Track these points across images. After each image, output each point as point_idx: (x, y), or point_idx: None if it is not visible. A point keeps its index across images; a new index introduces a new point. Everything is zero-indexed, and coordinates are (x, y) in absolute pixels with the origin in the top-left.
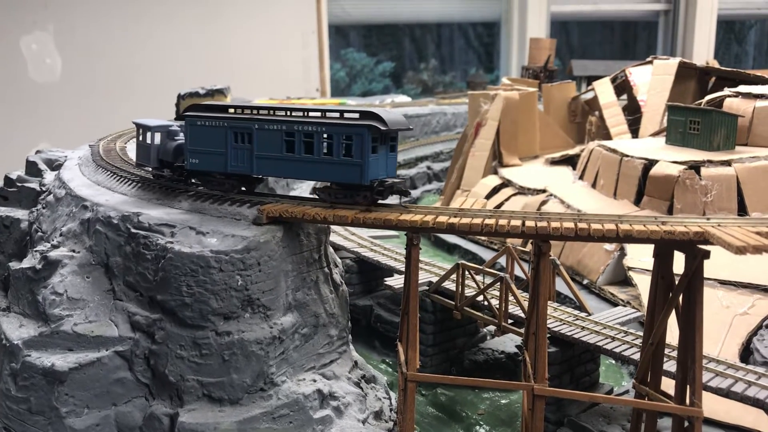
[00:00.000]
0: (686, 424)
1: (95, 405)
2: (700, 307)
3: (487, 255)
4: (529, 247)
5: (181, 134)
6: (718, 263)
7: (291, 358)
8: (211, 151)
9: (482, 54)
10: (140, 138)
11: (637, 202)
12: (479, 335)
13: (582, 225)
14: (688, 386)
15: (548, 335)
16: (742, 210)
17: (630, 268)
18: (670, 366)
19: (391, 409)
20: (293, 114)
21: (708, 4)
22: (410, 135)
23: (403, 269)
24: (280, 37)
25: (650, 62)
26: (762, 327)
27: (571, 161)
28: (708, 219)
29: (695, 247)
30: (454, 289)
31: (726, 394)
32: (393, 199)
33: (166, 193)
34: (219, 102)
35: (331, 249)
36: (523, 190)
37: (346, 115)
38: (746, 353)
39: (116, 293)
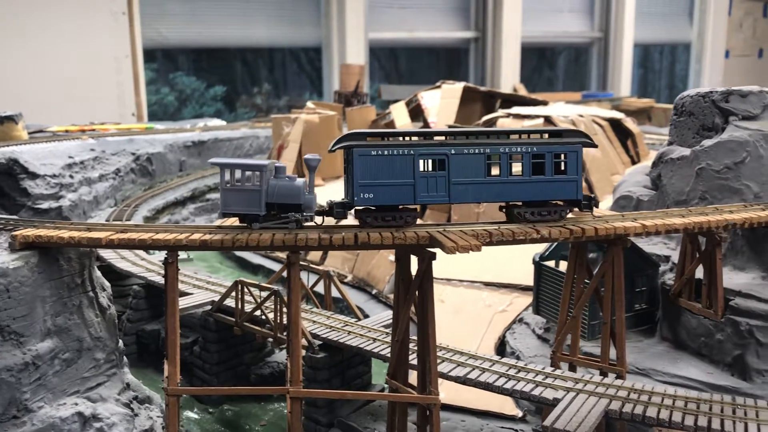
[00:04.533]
0: (428, 412)
1: None
2: (431, 304)
3: None
4: (321, 262)
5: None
6: (485, 267)
7: (50, 384)
8: (392, 183)
9: (315, 78)
10: (230, 182)
11: (422, 215)
12: (266, 350)
13: (324, 235)
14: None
15: (319, 342)
16: None
17: None
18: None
19: (162, 427)
20: (491, 137)
21: (512, 34)
22: None
23: (192, 291)
24: (89, 61)
25: (439, 87)
26: (515, 322)
27: None
28: (438, 225)
29: (424, 250)
30: (235, 306)
31: (463, 381)
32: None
33: None
34: (387, 129)
35: (98, 273)
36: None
37: (545, 135)
38: (502, 347)
39: None
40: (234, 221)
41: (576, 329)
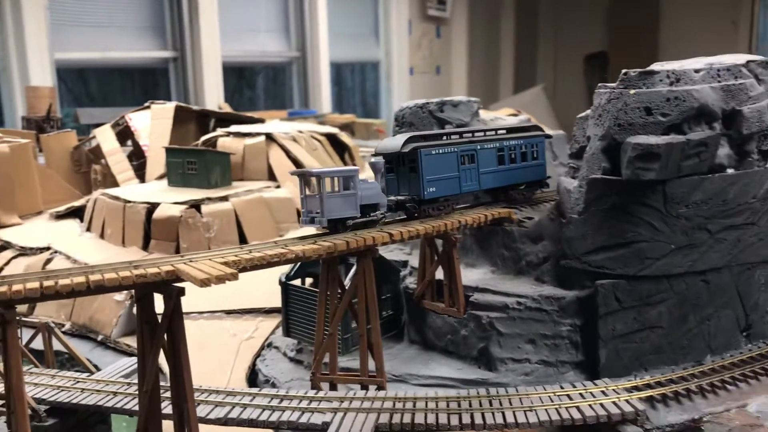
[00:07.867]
0: None
1: None
2: (184, 345)
3: None
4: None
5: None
6: (223, 295)
7: None
8: (447, 177)
9: None
10: (324, 189)
11: (146, 246)
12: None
13: (48, 282)
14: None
15: (47, 407)
16: (243, 240)
17: None
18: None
19: None
20: (493, 134)
21: (212, 53)
22: None
23: None
24: None
25: (148, 107)
26: (264, 347)
27: (78, 213)
28: (183, 256)
29: (170, 287)
30: None
31: (225, 422)
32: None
33: None
34: (434, 131)
35: None
36: (24, 251)
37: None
38: (254, 375)
39: None
40: None
41: (333, 347)
